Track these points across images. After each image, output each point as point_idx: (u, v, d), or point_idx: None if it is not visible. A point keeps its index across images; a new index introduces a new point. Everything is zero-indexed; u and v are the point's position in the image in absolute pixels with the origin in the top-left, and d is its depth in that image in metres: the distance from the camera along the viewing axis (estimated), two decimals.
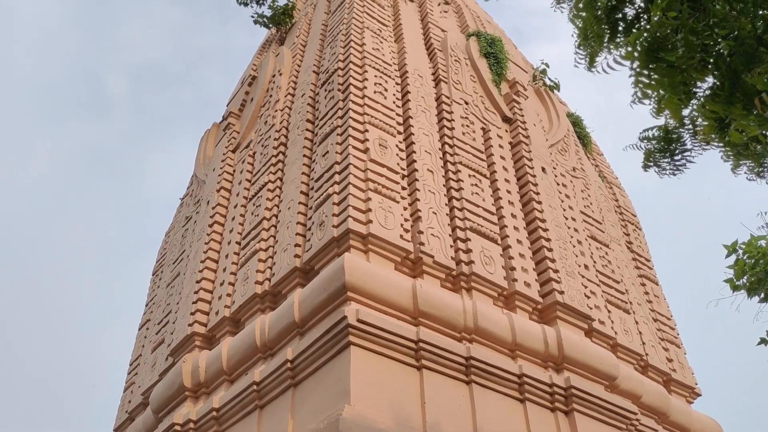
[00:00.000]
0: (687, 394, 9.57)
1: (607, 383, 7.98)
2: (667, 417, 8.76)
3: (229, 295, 8.41)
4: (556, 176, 9.92)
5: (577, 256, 8.96)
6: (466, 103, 9.75)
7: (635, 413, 7.93)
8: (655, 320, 10.05)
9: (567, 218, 9.41)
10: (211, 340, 8.48)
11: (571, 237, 9.17)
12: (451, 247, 7.71)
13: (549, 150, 10.27)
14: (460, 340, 7.06)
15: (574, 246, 9.08)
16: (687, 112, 3.76)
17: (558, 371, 7.63)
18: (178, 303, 9.47)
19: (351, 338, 6.21)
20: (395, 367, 6.41)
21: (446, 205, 8.14)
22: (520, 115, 10.16)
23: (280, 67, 11.06)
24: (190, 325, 8.48)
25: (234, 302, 8.21)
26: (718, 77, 3.35)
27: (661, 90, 3.45)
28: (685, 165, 4.20)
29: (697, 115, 3.69)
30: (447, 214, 8.03)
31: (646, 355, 9.05)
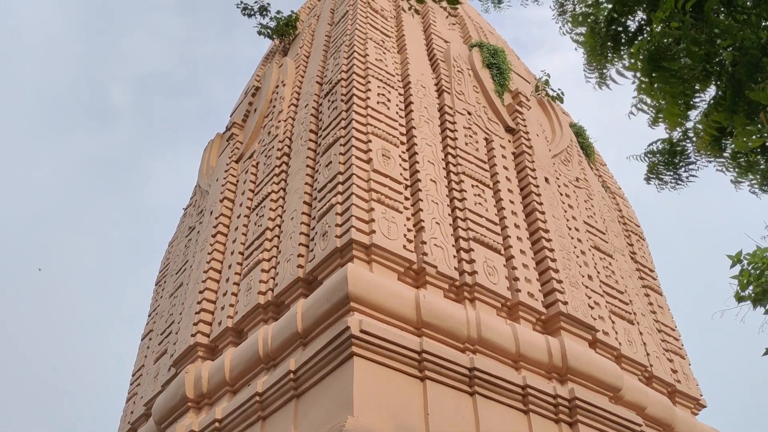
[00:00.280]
0: (692, 406, 9.51)
1: (611, 395, 7.93)
2: (672, 428, 8.70)
3: (231, 305, 8.40)
4: (559, 186, 9.91)
5: (580, 266, 8.94)
6: (469, 113, 9.77)
7: (640, 425, 7.87)
8: (660, 331, 10.00)
9: (570, 228, 9.39)
10: (213, 351, 8.46)
11: (575, 247, 9.15)
12: (455, 257, 7.70)
13: (552, 160, 10.27)
14: (463, 351, 7.03)
15: (578, 256, 9.05)
16: (691, 125, 3.75)
17: (562, 382, 7.59)
18: (181, 313, 9.46)
19: (354, 349, 6.19)
20: (398, 378, 6.38)
21: (449, 215, 8.14)
22: (522, 126, 10.17)
23: (283, 77, 11.11)
24: (193, 336, 8.46)
25: (237, 312, 8.20)
26: (721, 87, 3.34)
27: (662, 100, 3.44)
28: (688, 179, 4.18)
29: (701, 127, 3.68)
30: (450, 225, 8.02)
31: (651, 366, 9.00)
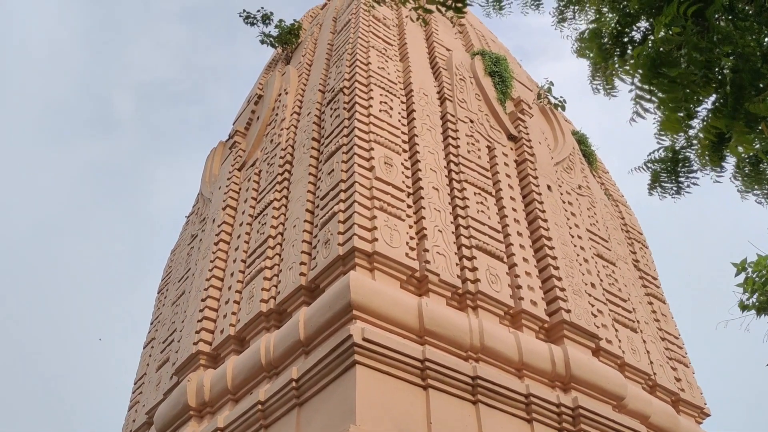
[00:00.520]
0: (696, 414, 9.45)
1: (615, 403, 7.89)
2: None
3: (234, 313, 8.38)
4: (561, 194, 9.90)
5: (583, 274, 8.91)
6: (471, 121, 9.78)
7: None
8: (663, 339, 9.96)
9: (573, 236, 9.37)
10: (216, 359, 8.44)
11: (578, 255, 9.12)
12: (457, 265, 7.68)
13: (554, 168, 10.27)
14: (466, 359, 7.00)
15: (581, 264, 9.03)
16: (693, 132, 3.74)
17: (565, 391, 7.55)
18: (183, 321, 9.44)
19: (356, 357, 6.17)
20: (401, 386, 6.36)
21: (452, 223, 8.13)
22: (525, 133, 10.18)
23: (286, 86, 11.14)
24: (195, 344, 8.45)
25: (239, 321, 8.19)
26: (722, 93, 3.34)
27: (662, 106, 3.44)
28: (690, 187, 4.16)
29: (704, 136, 3.67)
30: (452, 232, 8.01)
31: (654, 374, 8.95)
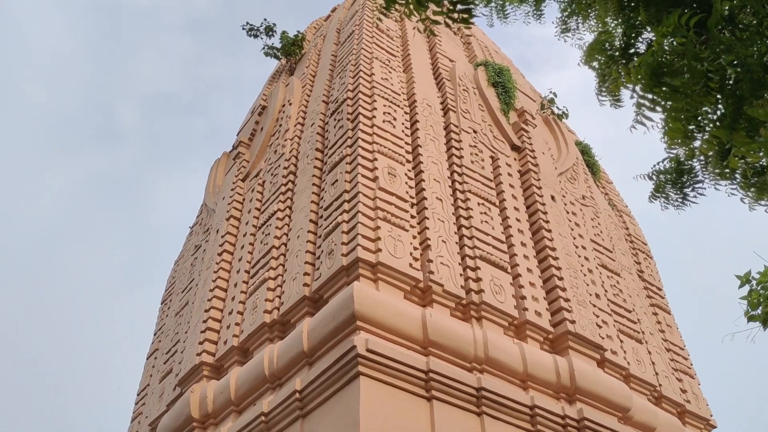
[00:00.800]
0: (702, 426, 9.38)
1: (620, 415, 7.84)
2: None
3: (237, 324, 8.37)
4: (565, 204, 9.89)
5: (588, 285, 8.88)
6: (475, 131, 9.79)
7: None
8: (668, 350, 9.90)
9: (577, 247, 9.35)
10: (219, 370, 8.42)
11: (582, 266, 9.10)
12: (461, 275, 7.66)
13: (558, 178, 10.26)
14: (470, 371, 6.97)
15: (585, 275, 9.00)
16: (698, 143, 3.73)
17: (570, 402, 7.51)
18: (186, 332, 9.44)
19: (360, 368, 6.15)
20: (405, 397, 6.33)
21: (456, 233, 8.12)
22: (528, 144, 10.18)
23: (289, 96, 11.18)
24: (198, 355, 8.44)
25: (242, 331, 8.18)
26: (723, 103, 3.33)
27: (663, 114, 3.43)
28: (695, 197, 4.15)
29: (706, 146, 3.66)
30: (456, 243, 8.00)
31: (660, 385, 8.90)
